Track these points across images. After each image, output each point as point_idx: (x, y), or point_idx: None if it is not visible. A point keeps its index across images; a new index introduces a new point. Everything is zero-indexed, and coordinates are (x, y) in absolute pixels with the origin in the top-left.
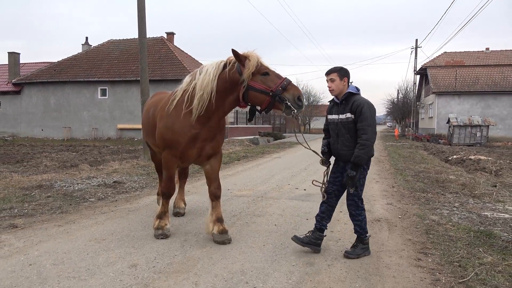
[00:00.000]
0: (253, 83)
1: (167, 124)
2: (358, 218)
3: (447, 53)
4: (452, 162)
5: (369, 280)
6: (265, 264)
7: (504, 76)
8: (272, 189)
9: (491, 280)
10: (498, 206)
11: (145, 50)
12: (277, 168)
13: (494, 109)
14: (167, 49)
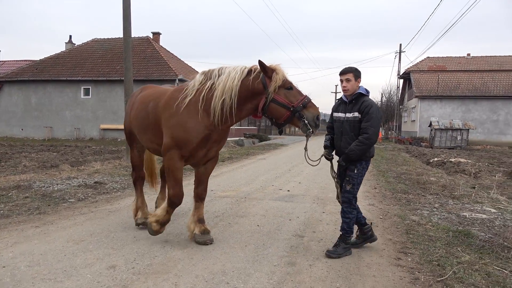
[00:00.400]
0: (277, 96)
1: (180, 122)
2: (348, 215)
3: (430, 58)
4: (433, 165)
5: (350, 280)
6: (246, 264)
7: (484, 82)
8: (256, 190)
9: (468, 279)
10: (476, 207)
11: (129, 49)
12: (262, 169)
13: (474, 113)
14: (153, 49)
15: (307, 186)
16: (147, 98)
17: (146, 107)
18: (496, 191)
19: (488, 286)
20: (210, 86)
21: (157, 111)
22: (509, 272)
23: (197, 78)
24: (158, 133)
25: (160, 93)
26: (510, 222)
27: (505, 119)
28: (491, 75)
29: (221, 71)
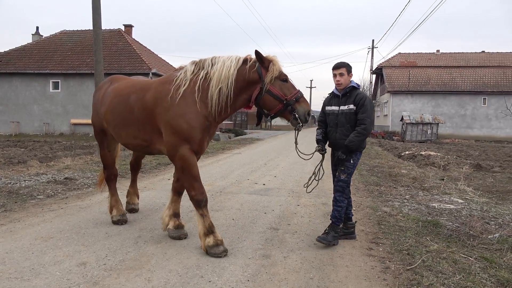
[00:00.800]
0: (272, 87)
1: (179, 114)
2: (340, 204)
3: (402, 54)
4: (405, 158)
5: (323, 270)
6: (221, 258)
7: (453, 77)
8: (231, 184)
9: (436, 266)
10: (445, 198)
11: (100, 41)
12: (237, 163)
13: (443, 108)
14: (125, 42)
15: (282, 180)
16: (124, 90)
17: (126, 100)
18: (463, 183)
19: (454, 273)
20: (204, 76)
21: (146, 105)
22: (474, 259)
23: (188, 68)
24: (145, 128)
25: (142, 85)
26: (476, 212)
27: (472, 113)
28: (459, 71)
29: (214, 61)
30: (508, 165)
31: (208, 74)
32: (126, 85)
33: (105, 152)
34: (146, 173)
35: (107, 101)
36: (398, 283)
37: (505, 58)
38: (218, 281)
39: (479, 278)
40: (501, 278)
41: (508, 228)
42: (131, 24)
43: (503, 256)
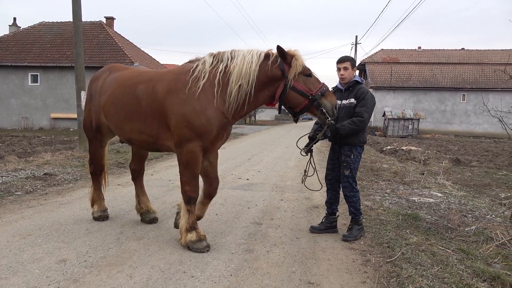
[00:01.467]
0: (296, 83)
1: (199, 109)
2: (352, 199)
3: (384, 50)
4: (386, 152)
5: (305, 264)
6: (204, 253)
7: (434, 74)
8: None
9: (415, 258)
10: (424, 191)
11: (80, 34)
12: (221, 158)
13: (424, 104)
14: (106, 35)
15: (266, 175)
16: (128, 80)
17: (133, 91)
18: (442, 177)
19: (432, 265)
20: (223, 69)
21: (156, 96)
22: (451, 251)
23: (206, 59)
24: (152, 123)
25: (151, 75)
26: (454, 205)
27: (451, 109)
28: (440, 68)
29: (233, 54)
30: (485, 159)
31: (227, 67)
32: (131, 75)
33: (97, 146)
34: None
35: (108, 92)
36: (378, 275)
37: (483, 55)
38: (201, 276)
39: (456, 269)
40: (477, 269)
41: (484, 221)
42: (113, 17)
43: (479, 248)
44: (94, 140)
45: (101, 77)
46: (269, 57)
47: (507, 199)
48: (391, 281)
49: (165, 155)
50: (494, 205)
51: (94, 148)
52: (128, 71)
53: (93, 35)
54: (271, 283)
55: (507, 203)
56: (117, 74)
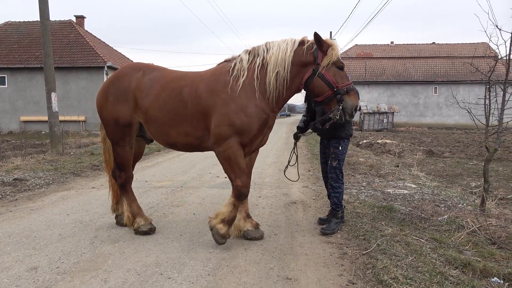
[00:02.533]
0: (326, 72)
1: (241, 107)
2: (337, 190)
3: (358, 46)
4: (363, 146)
5: (283, 260)
6: (181, 253)
7: (406, 68)
8: (192, 178)
9: (390, 249)
10: (399, 183)
11: (48, 33)
12: (199, 157)
13: (398, 97)
14: (77, 34)
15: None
16: (172, 83)
17: (179, 94)
18: (416, 168)
19: (407, 255)
20: (261, 62)
21: (199, 98)
22: (425, 240)
23: (243, 57)
24: (198, 125)
25: (193, 77)
26: (427, 196)
27: (424, 102)
28: (412, 62)
29: (268, 46)
30: (457, 150)
31: (264, 60)
32: (173, 77)
33: (126, 150)
34: (103, 171)
35: (152, 95)
36: (354, 267)
37: (453, 49)
38: (178, 277)
39: (429, 258)
40: (449, 257)
41: (455, 210)
42: (83, 15)
43: (451, 236)
44: (122, 141)
45: (133, 76)
46: (304, 43)
47: (477, 188)
48: (367, 272)
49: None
50: (466, 194)
51: (123, 151)
52: (167, 73)
53: (62, 35)
54: (249, 281)
55: (477, 191)
56: (157, 76)
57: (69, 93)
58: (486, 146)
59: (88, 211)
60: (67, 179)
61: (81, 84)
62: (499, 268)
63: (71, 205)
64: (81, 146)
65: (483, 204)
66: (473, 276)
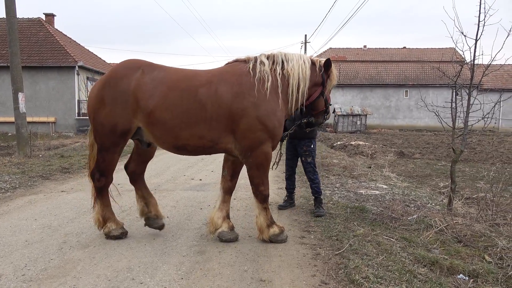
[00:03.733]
0: (327, 92)
1: (272, 111)
2: (316, 180)
3: (332, 49)
4: (337, 148)
5: (257, 262)
6: (154, 258)
7: (378, 71)
8: (166, 181)
9: (362, 249)
10: (371, 184)
11: (15, 31)
12: (173, 159)
13: (370, 100)
14: (46, 32)
15: (219, 174)
16: (181, 83)
17: (193, 95)
18: (388, 169)
19: (378, 254)
20: (281, 72)
21: (222, 100)
22: (395, 240)
23: (263, 60)
24: (218, 127)
25: (207, 77)
26: (398, 196)
27: (395, 105)
28: (384, 66)
29: (285, 57)
30: (426, 151)
31: (285, 70)
32: (181, 77)
33: (115, 157)
34: (73, 173)
35: (157, 96)
36: (327, 267)
37: (423, 53)
38: (150, 282)
39: (399, 257)
40: (418, 255)
41: (424, 209)
42: (53, 13)
43: (420, 235)
44: (113, 148)
45: (131, 76)
46: (315, 64)
47: (445, 188)
48: (339, 272)
49: None
50: (434, 194)
51: (111, 158)
52: (172, 71)
53: (31, 33)
54: (223, 284)
55: (445, 191)
56: (160, 75)
57: (38, 94)
58: (452, 148)
59: (57, 215)
60: (35, 182)
61: (51, 84)
62: (465, 265)
63: (39, 209)
64: (50, 148)
65: (450, 204)
66: (441, 273)
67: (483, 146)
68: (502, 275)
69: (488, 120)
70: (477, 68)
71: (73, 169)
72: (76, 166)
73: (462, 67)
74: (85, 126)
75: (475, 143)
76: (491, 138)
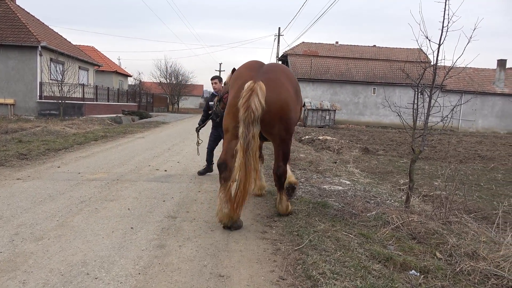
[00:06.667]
0: None
1: None
2: None
3: (305, 43)
4: (304, 142)
5: (218, 257)
6: (111, 251)
7: (349, 68)
8: (130, 171)
9: (321, 245)
10: (335, 180)
11: None
12: (139, 148)
13: (340, 96)
14: (6, 8)
15: (185, 165)
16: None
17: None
18: (352, 165)
19: (336, 250)
20: None
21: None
22: (353, 236)
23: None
24: None
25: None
26: (360, 192)
27: (363, 101)
28: (354, 63)
29: None
30: (390, 148)
31: None
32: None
33: None
34: (31, 160)
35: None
36: (286, 263)
37: (391, 53)
38: (105, 277)
39: (356, 253)
40: (374, 252)
41: (384, 206)
42: None
43: (377, 232)
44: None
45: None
46: None
47: (405, 185)
48: (297, 268)
49: (76, 145)
50: (394, 191)
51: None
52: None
53: None
54: (181, 279)
55: (405, 188)
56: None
57: None
58: (412, 147)
59: (10, 205)
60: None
61: (11, 64)
62: (417, 262)
63: None
64: (8, 131)
65: (407, 201)
66: (394, 269)
67: (443, 145)
68: (451, 271)
69: (448, 121)
70: (441, 70)
71: (31, 155)
72: (35, 152)
73: (425, 70)
74: (47, 110)
75: (436, 142)
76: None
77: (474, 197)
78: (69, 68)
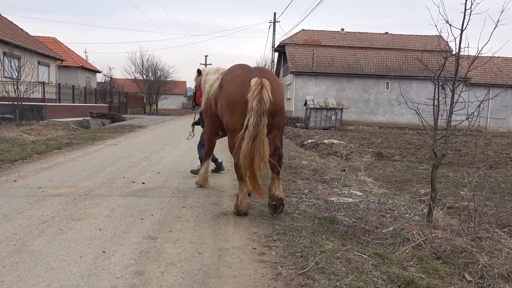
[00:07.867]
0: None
1: None
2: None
3: (305, 31)
4: (307, 147)
5: (207, 284)
6: (80, 280)
7: (357, 59)
8: (101, 184)
9: (329, 268)
10: (344, 190)
11: None
12: (111, 157)
13: (347, 92)
14: None
15: (166, 177)
16: None
17: None
18: (363, 173)
19: (347, 274)
20: None
21: None
22: (367, 256)
23: None
24: None
25: None
26: (373, 205)
27: (375, 98)
28: (363, 53)
29: None
30: (407, 153)
31: None
32: None
33: None
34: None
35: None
36: None
37: (407, 41)
38: None
39: (371, 276)
40: (392, 275)
41: (402, 221)
42: None
43: (395, 251)
44: None
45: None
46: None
47: (426, 195)
48: None
49: (35, 155)
50: (414, 202)
51: None
52: None
53: None
54: None
55: (426, 199)
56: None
57: None
58: (433, 151)
59: None
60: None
61: None
62: (443, 286)
63: None
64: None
65: (430, 215)
66: None
67: (469, 147)
68: None
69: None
70: (464, 60)
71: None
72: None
73: (446, 60)
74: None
75: (461, 144)
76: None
77: (507, 208)
78: (26, 63)
